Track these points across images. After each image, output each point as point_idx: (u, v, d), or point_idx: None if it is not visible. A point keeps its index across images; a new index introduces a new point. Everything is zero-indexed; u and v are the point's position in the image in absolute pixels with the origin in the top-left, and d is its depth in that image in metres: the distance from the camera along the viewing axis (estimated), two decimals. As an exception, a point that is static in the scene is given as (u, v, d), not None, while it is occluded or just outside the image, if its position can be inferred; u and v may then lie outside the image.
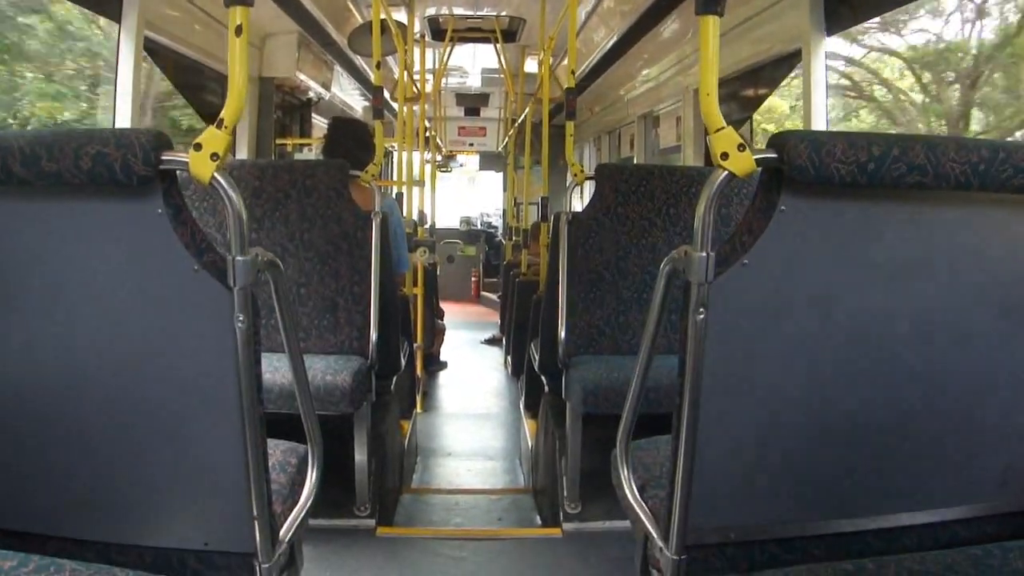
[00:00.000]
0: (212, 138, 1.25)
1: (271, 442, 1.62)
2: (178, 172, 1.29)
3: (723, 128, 1.26)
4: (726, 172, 1.26)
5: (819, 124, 3.18)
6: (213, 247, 1.34)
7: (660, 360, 1.57)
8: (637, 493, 1.67)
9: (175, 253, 1.30)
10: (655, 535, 1.54)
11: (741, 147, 1.26)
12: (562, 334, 3.08)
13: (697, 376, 1.34)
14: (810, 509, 1.56)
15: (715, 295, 1.30)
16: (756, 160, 1.27)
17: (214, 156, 1.25)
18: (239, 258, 1.28)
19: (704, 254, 1.28)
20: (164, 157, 1.24)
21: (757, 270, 1.32)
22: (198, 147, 1.25)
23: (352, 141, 3.80)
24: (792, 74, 3.76)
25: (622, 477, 1.71)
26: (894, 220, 1.35)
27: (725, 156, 1.26)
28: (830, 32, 3.19)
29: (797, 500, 1.55)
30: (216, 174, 1.25)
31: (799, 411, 1.45)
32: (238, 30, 1.28)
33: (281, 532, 1.55)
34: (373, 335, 2.97)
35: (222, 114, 1.27)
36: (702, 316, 1.30)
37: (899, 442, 1.51)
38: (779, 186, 1.30)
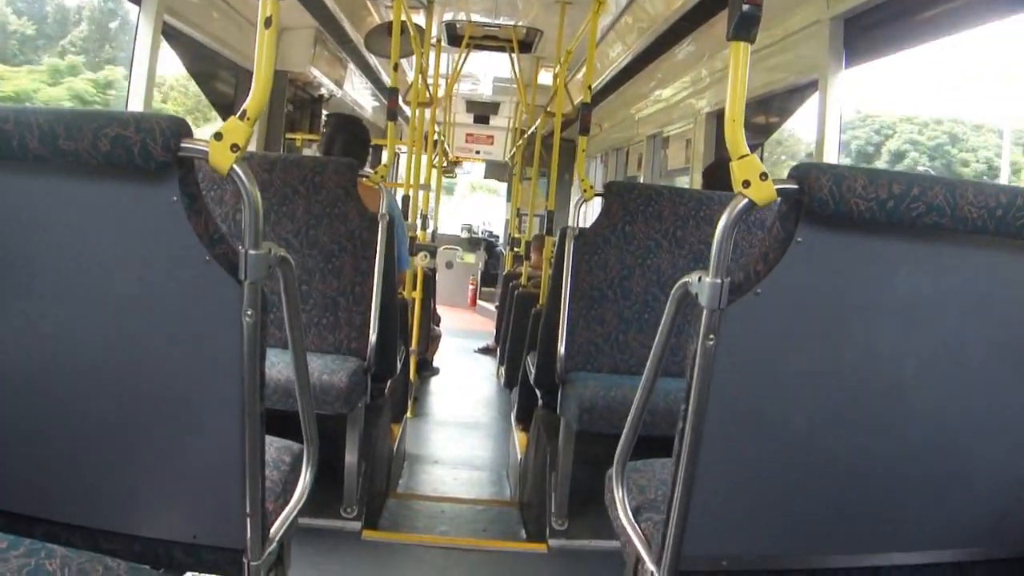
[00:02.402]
0: (234, 129, 1.23)
1: (266, 438, 1.61)
2: (195, 160, 1.28)
3: (746, 155, 1.25)
4: (746, 200, 1.25)
5: (831, 154, 3.18)
6: (226, 239, 1.31)
7: (658, 383, 1.56)
8: (631, 515, 1.66)
9: (187, 242, 1.28)
10: (647, 559, 1.53)
11: (763, 176, 1.25)
12: (561, 349, 3.06)
13: (702, 402, 1.33)
14: (805, 543, 1.55)
15: (726, 323, 1.29)
16: (777, 190, 1.26)
17: (234, 147, 1.22)
18: (252, 252, 1.26)
19: (719, 281, 1.27)
20: (184, 144, 1.23)
21: (770, 300, 1.31)
22: (219, 136, 1.22)
23: (350, 139, 3.73)
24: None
25: (616, 498, 1.69)
26: (909, 259, 1.35)
27: (747, 184, 1.25)
28: (849, 64, 3.19)
29: (792, 533, 1.54)
30: (235, 165, 1.23)
31: (800, 444, 1.44)
32: (267, 22, 1.25)
33: (272, 530, 1.54)
34: (372, 337, 2.94)
35: (245, 104, 1.24)
36: (712, 342, 1.29)
37: (898, 481, 1.50)
38: (797, 217, 1.29)
